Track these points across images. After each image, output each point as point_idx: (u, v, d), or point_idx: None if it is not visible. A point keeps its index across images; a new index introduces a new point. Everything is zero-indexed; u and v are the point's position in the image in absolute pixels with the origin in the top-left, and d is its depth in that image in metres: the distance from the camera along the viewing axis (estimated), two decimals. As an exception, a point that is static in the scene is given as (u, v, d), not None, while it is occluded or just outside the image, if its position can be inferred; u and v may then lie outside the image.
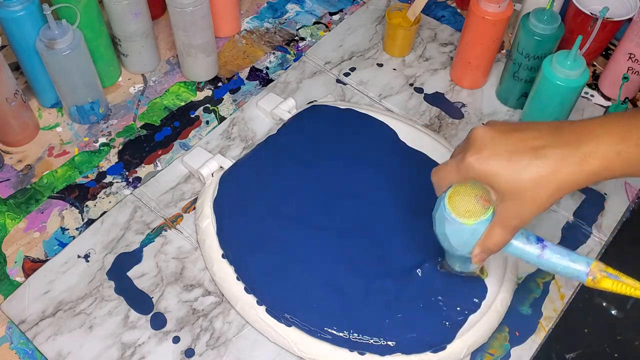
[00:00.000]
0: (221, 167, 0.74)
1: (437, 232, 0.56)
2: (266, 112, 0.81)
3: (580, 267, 0.52)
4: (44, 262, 0.69)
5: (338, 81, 0.87)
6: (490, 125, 0.52)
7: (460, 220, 0.53)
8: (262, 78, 0.88)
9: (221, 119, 0.82)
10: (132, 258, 0.69)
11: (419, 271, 0.64)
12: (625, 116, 0.50)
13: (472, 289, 0.64)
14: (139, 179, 0.76)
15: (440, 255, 0.65)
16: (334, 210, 0.69)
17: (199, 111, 0.83)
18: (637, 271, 0.69)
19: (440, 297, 0.63)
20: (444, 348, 0.61)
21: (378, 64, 0.89)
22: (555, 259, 0.53)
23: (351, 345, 0.61)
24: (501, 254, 0.57)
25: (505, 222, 0.52)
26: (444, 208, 0.54)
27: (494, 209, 0.52)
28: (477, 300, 0.64)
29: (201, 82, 0.87)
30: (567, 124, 0.51)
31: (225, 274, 0.65)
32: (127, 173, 0.77)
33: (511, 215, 0.51)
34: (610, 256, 0.69)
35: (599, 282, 0.52)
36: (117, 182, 0.76)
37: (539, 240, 0.54)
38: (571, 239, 0.71)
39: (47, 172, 0.76)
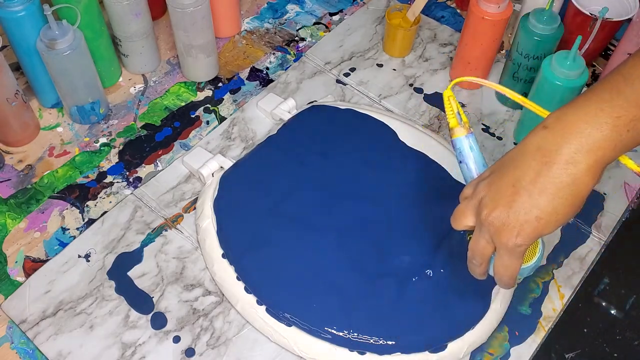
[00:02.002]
0: (221, 167, 0.74)
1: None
2: (266, 113, 0.81)
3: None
4: (44, 262, 0.69)
5: (338, 81, 0.87)
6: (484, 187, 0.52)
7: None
8: (262, 78, 0.88)
9: (221, 119, 0.82)
10: (132, 258, 0.69)
11: (429, 272, 0.64)
12: (603, 95, 0.48)
13: (473, 289, 0.64)
14: (139, 179, 0.76)
15: (440, 256, 0.65)
16: (334, 210, 0.69)
17: (200, 111, 0.83)
18: (637, 271, 0.69)
19: (440, 297, 0.63)
20: (444, 347, 0.61)
21: (378, 65, 0.89)
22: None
23: (351, 345, 0.61)
24: None
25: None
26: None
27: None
28: (477, 300, 0.64)
29: (201, 83, 0.87)
30: (550, 127, 0.49)
31: (226, 273, 0.66)
32: (127, 173, 0.77)
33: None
34: (610, 256, 0.70)
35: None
36: (117, 182, 0.76)
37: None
38: (571, 238, 0.71)
39: (48, 172, 0.77)
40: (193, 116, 0.83)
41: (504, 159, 0.52)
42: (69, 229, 0.72)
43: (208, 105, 0.84)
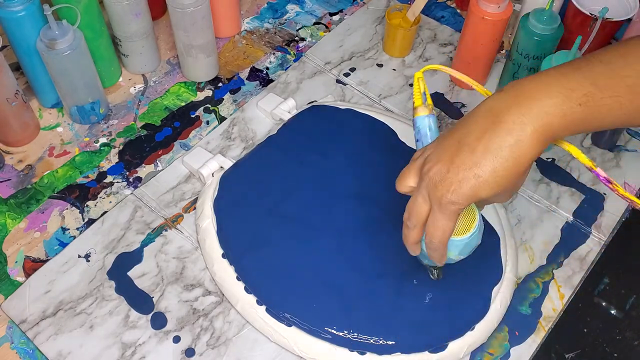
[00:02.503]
0: (221, 167, 0.74)
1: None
2: (266, 113, 0.81)
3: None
4: (44, 262, 0.69)
5: (338, 81, 0.87)
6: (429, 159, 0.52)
7: (461, 239, 0.55)
8: (262, 78, 0.88)
9: (221, 119, 0.82)
10: (132, 258, 0.69)
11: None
12: (564, 71, 0.49)
13: (473, 289, 0.64)
14: (139, 179, 0.76)
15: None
16: (333, 210, 0.69)
17: (200, 111, 0.83)
18: (637, 271, 0.69)
19: (440, 297, 0.63)
20: (444, 347, 0.61)
21: (378, 64, 0.89)
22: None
23: (351, 345, 0.61)
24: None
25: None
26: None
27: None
28: (477, 300, 0.64)
29: (201, 83, 0.87)
30: (504, 92, 0.50)
31: (226, 273, 0.66)
32: (127, 173, 0.77)
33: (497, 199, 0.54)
34: (610, 256, 0.70)
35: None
36: (117, 182, 0.76)
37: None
38: (571, 238, 0.71)
39: (48, 172, 0.77)
40: (193, 116, 0.83)
41: (457, 122, 0.52)
42: (69, 229, 0.72)
43: (208, 105, 0.84)
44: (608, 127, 0.51)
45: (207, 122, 0.82)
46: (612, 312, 0.66)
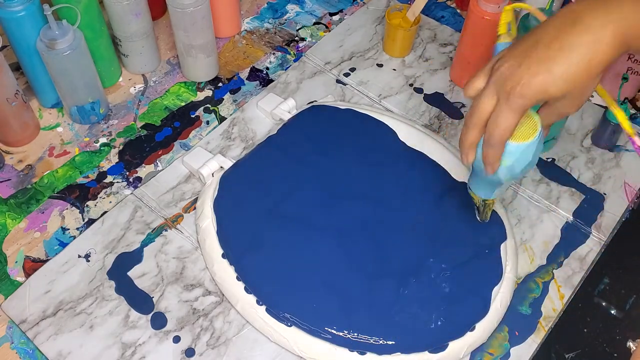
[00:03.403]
0: (221, 167, 0.74)
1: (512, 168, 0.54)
2: (266, 113, 0.81)
3: None
4: (44, 262, 0.69)
5: (338, 81, 0.87)
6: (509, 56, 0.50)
7: (531, 141, 0.52)
8: (262, 78, 0.88)
9: (221, 119, 0.82)
10: (132, 258, 0.69)
11: (429, 272, 0.64)
12: None
13: (473, 289, 0.64)
14: (139, 179, 0.76)
15: (440, 256, 0.66)
16: (334, 210, 0.69)
17: (200, 111, 0.83)
18: (637, 271, 0.69)
19: (440, 297, 0.63)
20: (444, 347, 0.61)
21: (378, 65, 0.89)
22: None
23: (351, 345, 0.61)
24: None
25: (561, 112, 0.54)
26: (515, 148, 0.52)
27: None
28: (477, 300, 0.64)
29: (201, 83, 0.87)
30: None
31: (226, 273, 0.66)
32: (127, 173, 0.77)
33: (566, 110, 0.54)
34: (610, 256, 0.70)
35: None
36: (117, 182, 0.76)
37: None
38: (571, 239, 0.71)
39: (48, 172, 0.77)
40: (193, 116, 0.83)
41: (535, 26, 0.51)
42: (69, 229, 0.72)
43: (208, 105, 0.84)
44: None
45: (207, 122, 0.82)
46: (612, 312, 0.66)
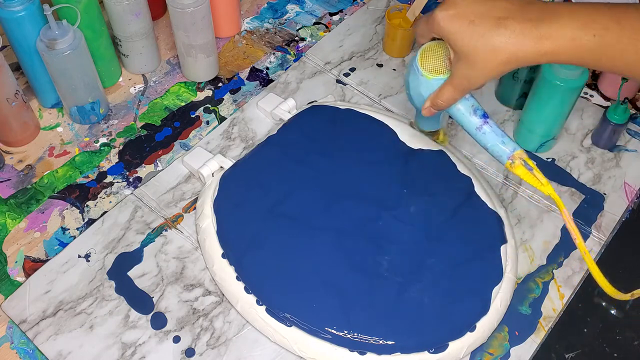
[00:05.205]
0: (221, 167, 0.74)
1: (405, 79, 0.61)
2: (266, 113, 0.81)
3: (506, 149, 0.56)
4: (44, 262, 0.69)
5: (338, 81, 0.87)
6: None
7: (423, 73, 0.57)
8: (262, 78, 0.88)
9: (221, 119, 0.82)
10: (132, 258, 0.69)
11: (429, 271, 0.64)
12: (598, 5, 0.50)
13: (473, 289, 0.64)
14: (139, 179, 0.76)
15: (440, 256, 0.66)
16: (334, 210, 0.69)
17: (200, 111, 0.83)
18: (637, 271, 0.69)
19: (440, 297, 0.63)
20: (444, 347, 0.61)
21: (378, 64, 0.89)
22: (490, 136, 0.57)
23: (351, 345, 0.61)
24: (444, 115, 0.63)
25: (456, 81, 0.55)
26: (414, 59, 0.58)
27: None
28: (477, 300, 0.64)
29: (201, 83, 0.87)
30: (539, 2, 0.52)
31: (226, 273, 0.66)
32: (127, 173, 0.77)
33: (462, 76, 0.54)
34: (609, 256, 0.70)
35: (515, 168, 0.56)
36: (117, 182, 0.76)
37: (485, 116, 0.57)
38: (571, 239, 0.71)
39: (48, 172, 0.77)
40: (193, 116, 0.83)
41: None
42: (69, 229, 0.72)
43: (208, 105, 0.84)
44: (619, 71, 0.51)
45: (207, 122, 0.82)
46: (612, 312, 0.66)
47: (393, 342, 0.61)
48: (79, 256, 0.69)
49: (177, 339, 0.63)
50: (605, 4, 0.51)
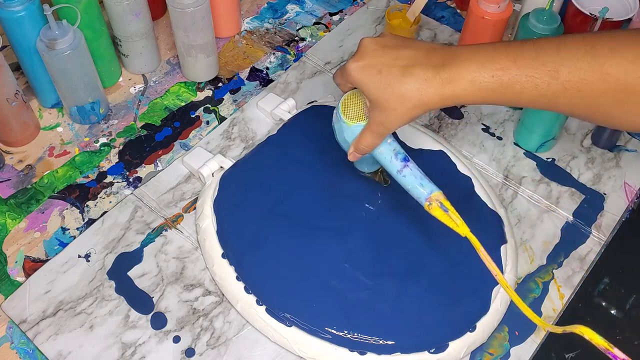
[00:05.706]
0: (221, 167, 0.74)
1: (332, 126, 0.65)
2: (266, 113, 0.81)
3: (424, 191, 0.58)
4: (44, 262, 0.69)
5: (338, 81, 0.87)
6: (379, 37, 0.58)
7: (344, 120, 0.61)
8: (262, 78, 0.88)
9: (221, 119, 0.82)
10: (132, 258, 0.69)
11: (429, 271, 0.64)
12: (498, 45, 0.52)
13: (473, 289, 0.64)
14: (139, 179, 0.76)
15: (440, 256, 0.65)
16: (333, 210, 0.69)
17: (200, 111, 0.83)
18: (637, 271, 0.69)
19: (440, 297, 0.63)
20: (444, 347, 0.61)
21: (378, 65, 0.89)
22: (410, 178, 0.59)
23: (351, 345, 0.61)
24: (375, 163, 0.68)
25: (373, 127, 0.58)
26: (337, 107, 0.62)
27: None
28: (477, 300, 0.64)
29: (201, 83, 0.87)
30: (444, 47, 0.55)
31: (226, 273, 0.66)
32: (127, 173, 0.77)
33: (377, 122, 0.57)
34: (610, 256, 0.70)
35: (432, 209, 0.58)
36: (117, 182, 0.76)
37: (405, 159, 0.60)
38: (571, 239, 0.71)
39: (48, 172, 0.77)
40: (193, 116, 0.83)
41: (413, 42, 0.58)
42: (69, 229, 0.72)
43: (208, 105, 0.84)
44: (526, 105, 0.53)
45: (207, 122, 0.82)
46: (612, 312, 0.66)
47: (393, 342, 0.61)
48: (79, 256, 0.69)
49: (177, 339, 0.63)
50: (505, 43, 0.52)
